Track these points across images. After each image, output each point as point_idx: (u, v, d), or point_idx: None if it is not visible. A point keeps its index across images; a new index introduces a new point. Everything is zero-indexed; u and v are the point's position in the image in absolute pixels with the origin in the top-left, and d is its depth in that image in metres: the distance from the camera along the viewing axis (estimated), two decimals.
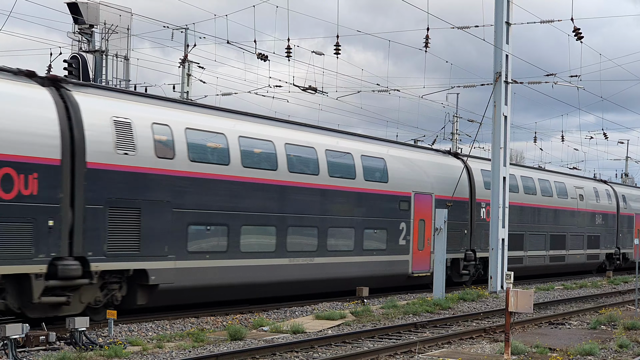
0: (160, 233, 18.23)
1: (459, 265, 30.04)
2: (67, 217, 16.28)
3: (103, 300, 17.37)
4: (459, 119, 54.10)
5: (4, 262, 15.09)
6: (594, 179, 47.01)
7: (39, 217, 15.69)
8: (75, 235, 16.42)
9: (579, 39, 27.92)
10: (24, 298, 15.75)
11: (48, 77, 17.29)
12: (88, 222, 16.67)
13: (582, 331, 19.00)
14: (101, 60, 33.53)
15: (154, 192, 18.10)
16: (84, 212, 16.60)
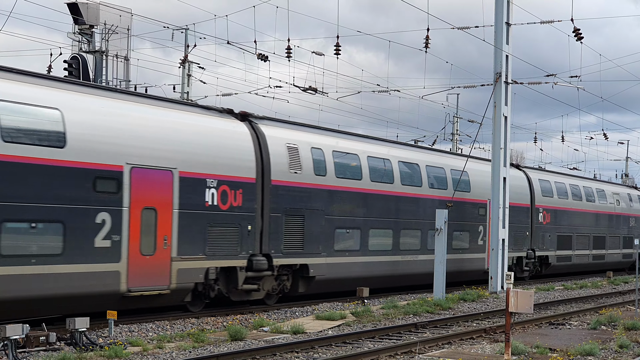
0: (317, 235, 22.96)
1: (522, 263, 34.54)
2: (259, 223, 20.94)
3: (277, 289, 22.05)
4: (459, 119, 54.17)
5: (221, 257, 19.70)
6: (627, 186, 51.51)
7: (243, 223, 20.41)
8: (263, 237, 21.08)
9: (579, 40, 27.93)
10: (230, 285, 20.36)
11: (241, 113, 21.75)
12: (272, 227, 21.32)
13: (582, 331, 19.00)
14: (101, 60, 33.54)
15: (313, 202, 22.81)
16: (269, 219, 21.24)
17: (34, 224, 15.75)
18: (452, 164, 30.24)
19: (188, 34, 36.13)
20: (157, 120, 18.57)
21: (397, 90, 36.51)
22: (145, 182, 17.77)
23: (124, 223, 17.26)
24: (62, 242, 16.15)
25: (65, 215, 16.20)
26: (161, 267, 18.13)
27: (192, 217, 18.89)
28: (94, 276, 16.67)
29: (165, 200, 18.21)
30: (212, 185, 19.46)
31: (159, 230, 18.02)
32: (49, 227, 16.00)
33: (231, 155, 20.16)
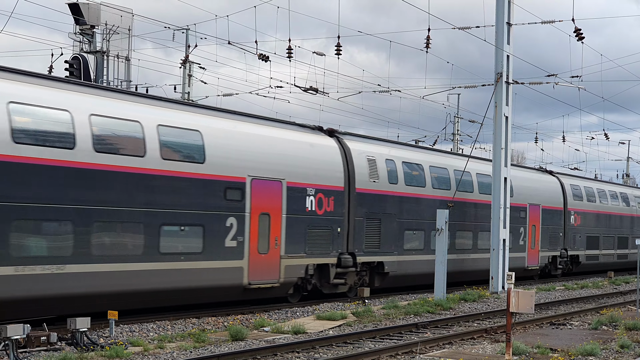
0: (390, 236, 26.08)
1: (557, 261, 37.77)
2: (345, 226, 24.08)
3: (358, 283, 25.17)
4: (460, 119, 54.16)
5: (317, 256, 22.93)
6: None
7: (334, 226, 23.61)
8: (349, 238, 24.24)
9: (580, 40, 27.91)
10: (323, 280, 23.55)
11: (328, 129, 24.97)
12: (356, 229, 24.49)
13: (583, 332, 19.00)
14: (102, 61, 33.56)
15: (388, 207, 25.84)
16: (354, 223, 24.39)
17: (183, 227, 18.90)
18: (480, 169, 32.96)
19: (189, 34, 36.16)
20: (267, 138, 21.74)
21: (398, 91, 36.53)
22: (261, 191, 21.02)
23: (246, 226, 20.50)
24: (202, 243, 19.27)
25: (205, 220, 19.33)
26: (273, 264, 21.42)
27: (296, 221, 22.16)
28: (224, 271, 19.86)
29: (276, 206, 21.50)
30: (311, 193, 22.77)
31: (272, 232, 21.29)
32: (193, 230, 19.09)
33: (325, 167, 23.50)
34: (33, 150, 15.72)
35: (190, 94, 37.96)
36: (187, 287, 18.98)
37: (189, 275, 18.88)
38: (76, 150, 16.49)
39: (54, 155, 16.10)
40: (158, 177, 18.26)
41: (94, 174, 16.84)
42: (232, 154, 20.17)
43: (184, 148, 19.12)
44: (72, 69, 32.25)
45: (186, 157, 19.05)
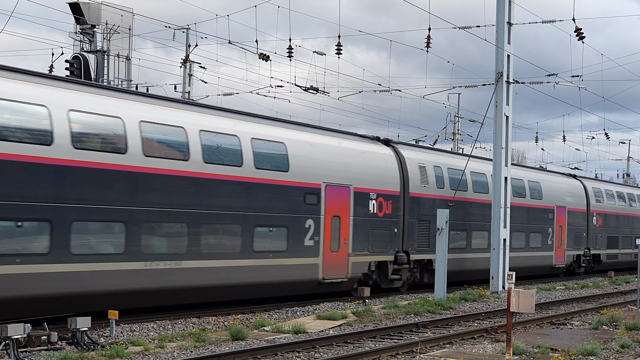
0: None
1: (580, 260, 40.36)
2: (401, 226, 26.47)
3: (410, 279, 27.41)
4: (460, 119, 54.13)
5: (377, 254, 25.40)
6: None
7: (392, 227, 26.05)
8: (404, 237, 26.68)
9: (581, 39, 27.90)
10: (382, 276, 26.08)
11: (385, 139, 27.54)
12: (409, 229, 26.93)
13: (583, 331, 18.99)
14: (103, 60, 33.53)
15: (436, 210, 26.41)
16: (408, 224, 26.80)
17: (271, 229, 21.32)
18: (518, 174, 35.22)
19: (189, 33, 36.15)
20: (336, 148, 24.28)
21: (399, 90, 36.53)
22: (333, 196, 23.46)
23: (321, 227, 22.95)
24: (286, 242, 21.70)
25: (289, 221, 21.74)
26: (342, 261, 23.94)
27: (361, 222, 24.56)
28: (304, 267, 22.39)
29: (345, 209, 23.91)
30: (373, 198, 25.12)
31: (342, 233, 23.75)
32: (280, 231, 21.52)
33: (384, 174, 25.90)
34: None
35: (191, 93, 37.95)
36: (274, 281, 21.73)
37: (275, 270, 21.59)
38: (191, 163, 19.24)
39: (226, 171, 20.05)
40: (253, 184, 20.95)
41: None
42: (309, 163, 22.76)
43: (273, 159, 21.73)
44: (72, 68, 32.22)
45: (276, 167, 21.70)
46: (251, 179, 20.66)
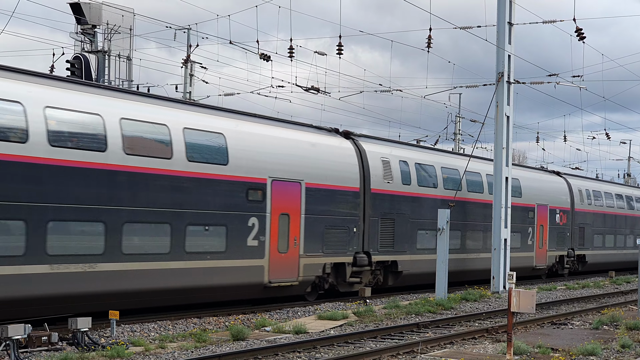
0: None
1: (564, 261, 39.08)
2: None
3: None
4: (461, 119, 54.13)
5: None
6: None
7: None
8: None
9: (581, 39, 27.89)
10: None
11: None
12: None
13: (584, 331, 18.99)
14: (104, 60, 33.54)
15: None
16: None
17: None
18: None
19: (191, 33, 36.15)
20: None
21: (400, 90, 36.53)
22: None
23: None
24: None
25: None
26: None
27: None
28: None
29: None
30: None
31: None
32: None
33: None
34: None
35: (192, 93, 37.97)
36: None
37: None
38: None
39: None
40: None
41: None
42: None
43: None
44: (73, 68, 32.22)
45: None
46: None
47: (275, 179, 21.22)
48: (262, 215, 20.72)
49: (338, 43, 26.76)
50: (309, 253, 22.45)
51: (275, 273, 21.22)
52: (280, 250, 21.37)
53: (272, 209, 21.01)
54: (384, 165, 25.81)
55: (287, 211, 21.57)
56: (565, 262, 39.01)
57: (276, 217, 21.10)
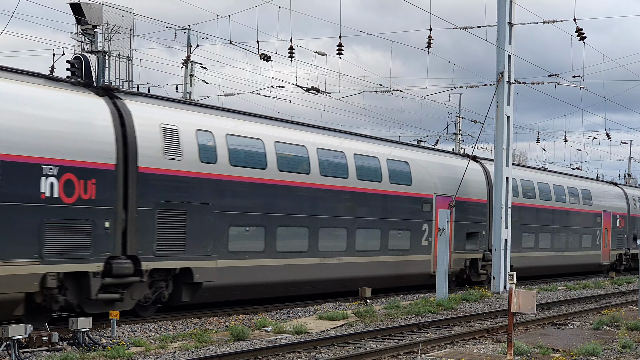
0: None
1: (622, 259, 44.80)
2: (487, 229, 30.83)
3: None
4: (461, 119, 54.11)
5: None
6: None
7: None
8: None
9: (582, 39, 27.89)
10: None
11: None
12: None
13: (585, 332, 18.99)
14: (104, 61, 33.53)
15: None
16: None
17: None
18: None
19: (191, 34, 36.13)
20: None
21: (400, 90, 36.51)
22: None
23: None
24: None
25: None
26: None
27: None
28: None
29: None
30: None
31: None
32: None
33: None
34: None
35: (192, 94, 37.95)
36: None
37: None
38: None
39: None
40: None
41: None
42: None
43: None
44: (73, 69, 32.17)
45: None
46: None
47: (438, 195, 27.55)
48: (430, 222, 27.10)
49: (338, 43, 26.75)
50: (456, 250, 28.78)
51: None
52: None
53: (436, 217, 26.70)
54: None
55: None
56: (623, 260, 44.81)
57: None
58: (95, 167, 16.99)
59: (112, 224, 17.26)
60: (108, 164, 17.28)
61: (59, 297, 16.44)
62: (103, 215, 17.05)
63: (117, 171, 17.45)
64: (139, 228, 17.80)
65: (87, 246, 16.73)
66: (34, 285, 15.77)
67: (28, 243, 15.73)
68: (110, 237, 17.21)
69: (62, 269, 16.28)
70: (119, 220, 17.41)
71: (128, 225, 17.63)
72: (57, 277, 16.16)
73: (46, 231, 15.97)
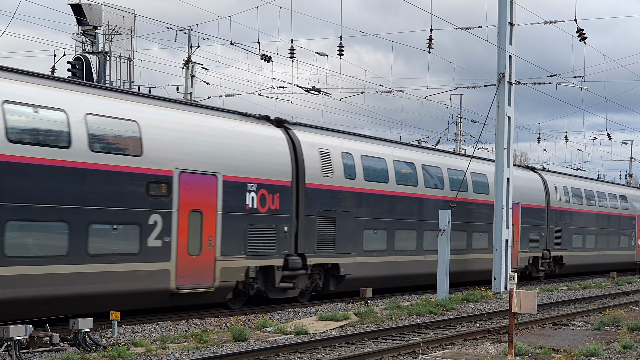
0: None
1: None
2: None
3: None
4: (462, 119, 54.13)
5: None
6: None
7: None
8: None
9: (583, 40, 27.89)
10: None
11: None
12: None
13: (586, 332, 18.97)
14: (105, 61, 33.55)
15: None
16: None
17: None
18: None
19: (192, 34, 36.15)
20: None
21: (400, 91, 36.52)
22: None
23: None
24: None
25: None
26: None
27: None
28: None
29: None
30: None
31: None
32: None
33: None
34: None
35: (193, 94, 37.97)
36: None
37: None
38: None
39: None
40: None
41: None
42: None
43: None
44: (74, 69, 32.24)
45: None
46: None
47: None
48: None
49: (339, 44, 26.76)
50: (522, 250, 32.93)
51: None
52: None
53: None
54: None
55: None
56: None
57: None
58: (279, 184, 21.72)
59: (288, 228, 21.98)
60: (287, 181, 22.02)
61: (254, 285, 21.01)
62: (284, 222, 21.83)
63: (292, 187, 22.23)
64: (305, 232, 22.53)
65: (273, 246, 21.44)
66: (241, 275, 20.41)
67: (239, 243, 20.27)
68: (288, 239, 21.96)
69: (258, 263, 20.94)
70: (292, 225, 22.18)
71: (299, 229, 22.32)
72: (255, 270, 20.74)
73: (248, 234, 20.56)
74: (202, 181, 19.38)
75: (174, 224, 18.41)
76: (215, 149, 19.82)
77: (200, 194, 19.23)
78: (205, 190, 19.53)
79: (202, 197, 19.29)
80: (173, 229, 18.34)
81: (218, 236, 19.63)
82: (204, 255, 19.30)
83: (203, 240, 19.24)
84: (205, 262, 19.32)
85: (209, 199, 19.57)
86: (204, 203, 19.37)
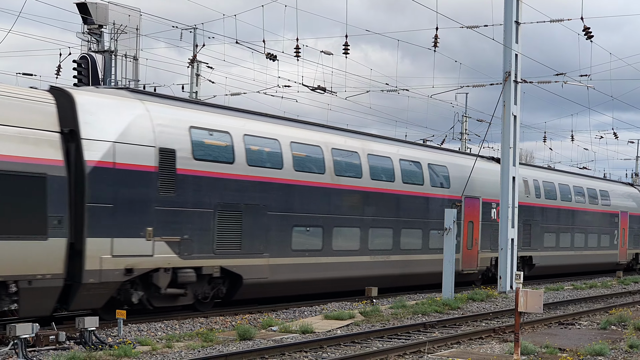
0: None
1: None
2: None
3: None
4: (468, 118, 54.09)
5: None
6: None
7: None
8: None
9: (589, 38, 27.82)
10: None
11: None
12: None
13: (592, 331, 18.94)
14: (110, 60, 33.57)
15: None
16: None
17: None
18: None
19: (197, 33, 36.19)
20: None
21: (406, 90, 36.48)
22: None
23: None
24: None
25: None
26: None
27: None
28: None
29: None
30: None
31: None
32: None
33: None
34: None
35: (198, 93, 38.00)
36: None
37: None
38: None
39: None
40: None
41: None
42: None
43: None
44: (80, 68, 32.25)
45: None
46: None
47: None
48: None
49: (344, 43, 26.74)
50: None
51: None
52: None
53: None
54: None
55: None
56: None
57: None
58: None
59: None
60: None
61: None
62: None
63: None
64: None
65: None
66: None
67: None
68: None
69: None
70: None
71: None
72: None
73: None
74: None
75: None
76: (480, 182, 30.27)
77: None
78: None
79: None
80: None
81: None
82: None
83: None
84: None
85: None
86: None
